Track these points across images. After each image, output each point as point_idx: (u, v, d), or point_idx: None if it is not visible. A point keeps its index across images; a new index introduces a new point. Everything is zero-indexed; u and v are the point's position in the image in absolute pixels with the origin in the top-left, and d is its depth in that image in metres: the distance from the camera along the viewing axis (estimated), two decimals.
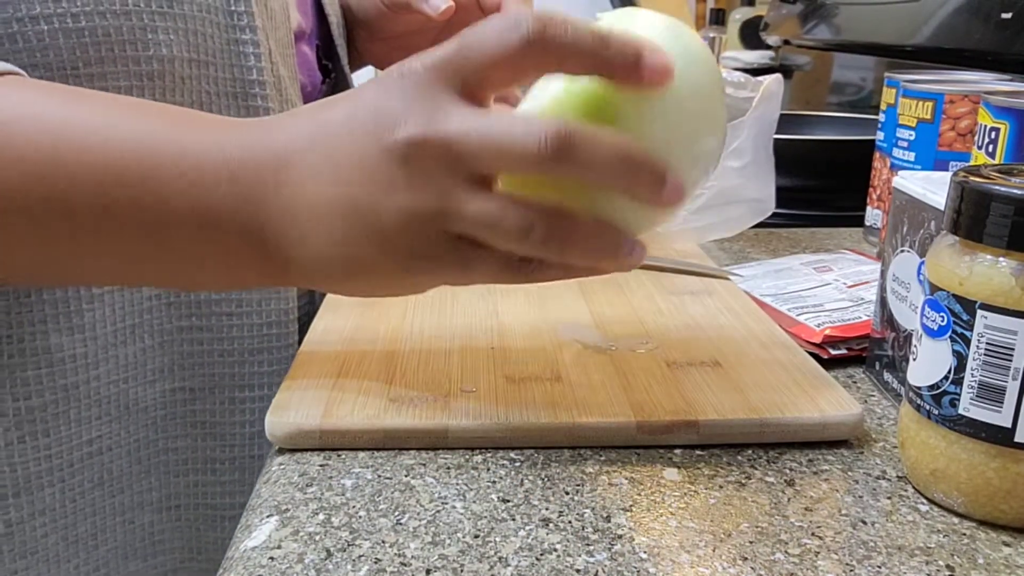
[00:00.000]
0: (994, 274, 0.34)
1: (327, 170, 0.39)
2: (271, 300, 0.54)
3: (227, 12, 0.50)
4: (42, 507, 0.51)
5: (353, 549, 0.34)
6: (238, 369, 0.54)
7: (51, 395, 0.50)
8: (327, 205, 0.39)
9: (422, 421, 0.42)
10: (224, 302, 0.53)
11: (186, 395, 0.54)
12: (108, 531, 0.53)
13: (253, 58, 0.51)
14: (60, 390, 0.50)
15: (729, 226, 0.68)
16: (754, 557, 0.34)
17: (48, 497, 0.51)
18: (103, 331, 0.50)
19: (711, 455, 0.42)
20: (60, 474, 0.51)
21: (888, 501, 0.38)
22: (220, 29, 0.50)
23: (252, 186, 0.40)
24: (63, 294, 0.49)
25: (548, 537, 0.35)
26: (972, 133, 0.65)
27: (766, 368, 0.47)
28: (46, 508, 0.51)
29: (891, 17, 1.03)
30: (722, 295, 0.59)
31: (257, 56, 0.51)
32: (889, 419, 0.46)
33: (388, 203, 0.38)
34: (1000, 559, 0.35)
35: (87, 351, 0.50)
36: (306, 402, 0.43)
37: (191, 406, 0.54)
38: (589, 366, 0.47)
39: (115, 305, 0.51)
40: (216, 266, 0.42)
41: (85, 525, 0.52)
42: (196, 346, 0.53)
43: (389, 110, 0.38)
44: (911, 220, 0.46)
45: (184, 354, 0.53)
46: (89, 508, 0.52)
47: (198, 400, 0.54)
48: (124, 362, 0.52)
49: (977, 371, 0.35)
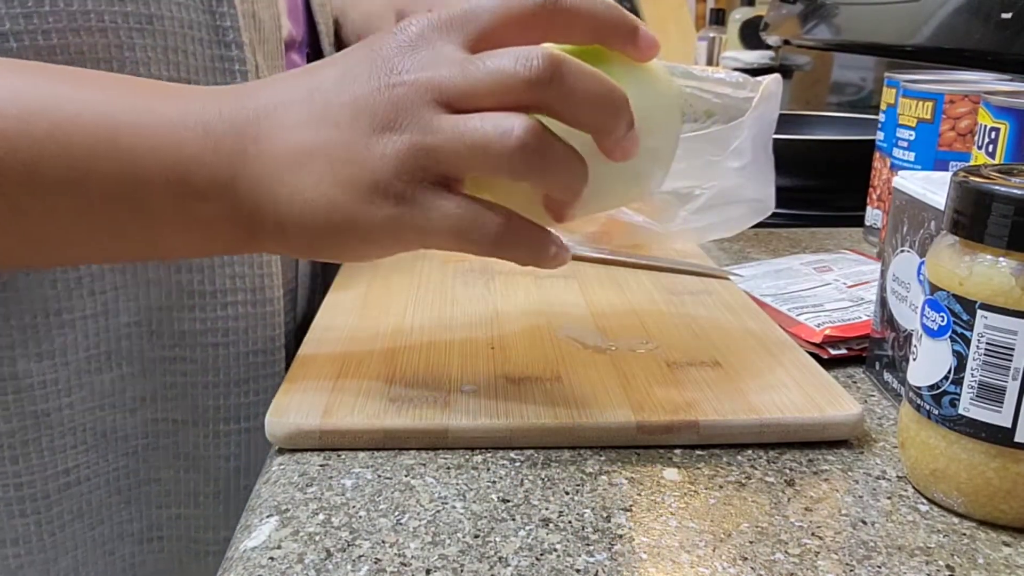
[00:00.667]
0: (994, 274, 0.34)
1: (314, 118, 0.39)
2: (257, 327, 0.52)
3: (212, 27, 0.48)
4: (15, 536, 0.49)
5: (353, 549, 0.34)
6: (223, 401, 0.53)
7: (19, 422, 0.48)
8: (311, 148, 0.38)
9: (422, 421, 0.42)
10: (210, 332, 0.51)
11: (169, 426, 0.52)
12: (90, 564, 0.52)
13: (239, 76, 0.49)
14: (30, 416, 0.48)
15: (729, 226, 0.68)
16: (754, 557, 0.34)
17: (22, 527, 0.49)
18: (75, 357, 0.49)
19: (711, 455, 0.42)
20: (35, 504, 0.49)
21: (888, 501, 0.38)
22: (203, 45, 0.48)
23: (227, 138, 0.39)
24: (31, 319, 0.47)
25: (548, 537, 0.35)
26: (972, 133, 0.65)
27: (766, 368, 0.47)
28: (19, 538, 0.49)
29: (891, 17, 1.03)
30: (722, 295, 0.59)
31: (243, 73, 0.49)
32: (889, 419, 0.46)
33: (376, 143, 0.38)
34: (1000, 559, 0.35)
35: (58, 377, 0.48)
36: (306, 402, 0.43)
37: (174, 437, 0.53)
38: (589, 366, 0.47)
39: (88, 331, 0.49)
40: (191, 230, 0.40)
41: (66, 560, 0.51)
42: (180, 377, 0.52)
43: (385, 59, 0.39)
44: (911, 220, 0.46)
45: (167, 384, 0.52)
46: (70, 542, 0.51)
47: (181, 432, 0.53)
48: (100, 390, 0.50)
49: (977, 371, 0.35)
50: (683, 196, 0.66)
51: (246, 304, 0.52)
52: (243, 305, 0.52)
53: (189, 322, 0.51)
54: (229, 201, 0.39)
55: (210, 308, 0.51)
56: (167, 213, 0.39)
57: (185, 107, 0.40)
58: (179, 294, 0.50)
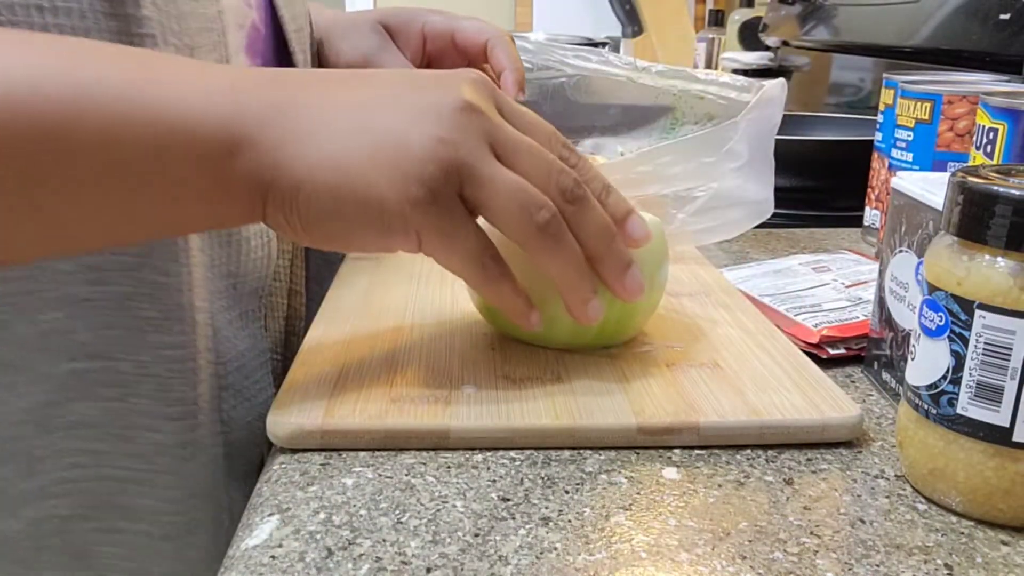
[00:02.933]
0: (992, 274, 0.35)
1: (374, 100, 0.40)
2: (163, 425, 0.47)
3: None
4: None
5: (354, 548, 0.35)
6: (120, 498, 0.48)
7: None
8: (362, 123, 0.39)
9: (423, 422, 0.42)
10: (109, 425, 0.46)
11: (57, 524, 0.47)
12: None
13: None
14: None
15: (728, 229, 0.68)
16: (753, 556, 0.34)
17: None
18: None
19: (710, 454, 0.42)
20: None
21: (886, 500, 0.39)
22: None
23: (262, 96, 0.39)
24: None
25: (548, 536, 0.35)
26: (970, 134, 0.65)
27: (765, 369, 0.47)
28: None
29: (890, 18, 1.03)
30: (720, 296, 0.59)
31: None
32: (887, 419, 0.46)
33: (422, 129, 0.39)
34: (998, 558, 0.35)
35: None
36: (307, 402, 0.43)
37: (61, 536, 0.47)
38: (589, 367, 0.48)
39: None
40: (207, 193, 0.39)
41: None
42: (73, 471, 0.47)
43: (459, 80, 0.41)
44: (909, 220, 0.46)
45: (56, 480, 0.47)
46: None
47: (71, 529, 0.48)
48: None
49: (975, 371, 0.35)
50: (681, 198, 0.66)
51: (149, 399, 0.47)
52: (146, 399, 0.47)
53: (85, 410, 0.46)
54: (249, 159, 0.38)
55: (108, 397, 0.46)
56: (188, 172, 0.38)
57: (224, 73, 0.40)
58: (75, 381, 0.46)
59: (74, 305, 0.45)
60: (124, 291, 0.45)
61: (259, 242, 0.52)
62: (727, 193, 0.66)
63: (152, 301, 0.45)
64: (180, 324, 0.46)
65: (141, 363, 0.46)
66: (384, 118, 0.40)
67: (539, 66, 0.70)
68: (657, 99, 0.69)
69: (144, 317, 0.46)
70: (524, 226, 0.41)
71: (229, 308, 0.51)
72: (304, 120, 0.39)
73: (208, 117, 0.38)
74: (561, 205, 0.42)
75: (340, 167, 0.39)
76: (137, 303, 0.45)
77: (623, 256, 0.45)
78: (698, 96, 0.68)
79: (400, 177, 0.39)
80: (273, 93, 0.40)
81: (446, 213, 0.40)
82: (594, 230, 0.43)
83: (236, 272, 0.51)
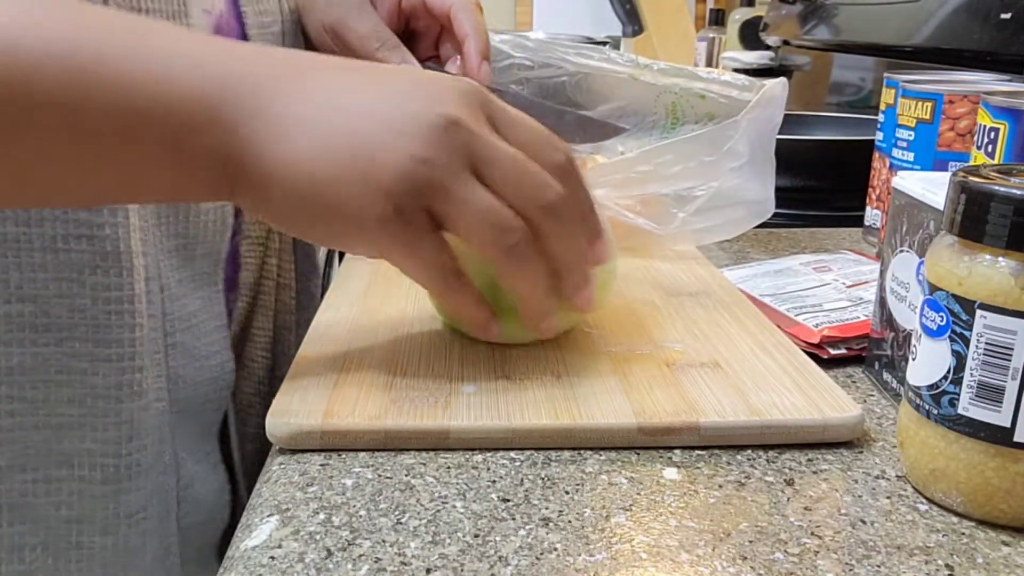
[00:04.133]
0: (993, 274, 0.34)
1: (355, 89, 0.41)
2: (99, 369, 0.47)
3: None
4: None
5: (353, 548, 0.34)
6: (55, 445, 0.47)
7: None
8: (339, 111, 0.39)
9: (423, 422, 0.42)
10: (41, 369, 0.46)
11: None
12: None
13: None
14: None
15: (728, 228, 0.68)
16: (753, 556, 0.34)
17: None
18: None
19: (711, 455, 0.42)
20: None
21: (887, 500, 0.39)
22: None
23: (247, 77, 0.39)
24: None
25: (548, 536, 0.35)
26: (971, 133, 0.65)
27: (765, 370, 0.47)
28: None
29: (891, 17, 1.03)
30: (720, 296, 0.59)
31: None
32: (888, 419, 0.46)
33: (399, 144, 0.39)
34: (999, 558, 0.35)
35: None
36: (307, 402, 0.43)
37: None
38: (589, 367, 0.47)
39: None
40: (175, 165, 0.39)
41: None
42: (5, 418, 0.46)
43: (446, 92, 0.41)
44: (910, 220, 0.46)
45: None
46: None
47: (5, 479, 0.47)
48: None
49: (976, 371, 0.35)
50: (681, 198, 0.66)
51: (86, 342, 0.46)
52: (82, 342, 0.46)
53: (18, 356, 0.46)
54: (220, 139, 0.39)
55: (42, 343, 0.46)
56: (156, 141, 0.38)
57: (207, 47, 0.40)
58: (7, 326, 0.45)
59: (2, 245, 0.44)
60: (56, 232, 0.45)
61: (211, 208, 0.51)
62: (727, 192, 0.66)
63: (88, 242, 0.45)
64: (117, 266, 0.46)
65: (76, 306, 0.46)
66: (364, 124, 0.40)
67: (540, 64, 0.70)
68: (659, 98, 0.69)
69: (78, 259, 0.45)
70: (492, 247, 0.41)
71: (180, 267, 0.51)
72: (284, 114, 0.39)
73: (181, 96, 0.38)
74: (538, 219, 0.42)
75: (311, 171, 0.39)
76: (71, 245, 0.45)
77: (585, 275, 0.46)
78: (699, 95, 0.68)
79: (369, 192, 0.39)
80: (259, 78, 0.39)
81: (409, 227, 0.40)
82: (566, 247, 0.44)
83: (186, 232, 0.51)
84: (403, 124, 0.39)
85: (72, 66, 0.36)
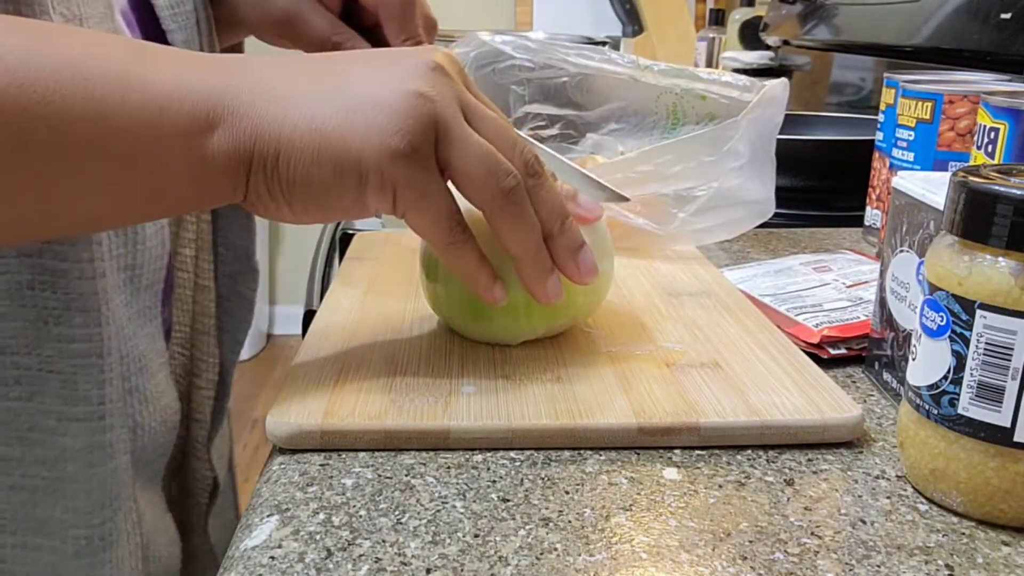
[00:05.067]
0: (993, 274, 0.34)
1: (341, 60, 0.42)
2: (69, 427, 0.44)
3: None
4: None
5: (353, 548, 0.34)
6: (31, 510, 0.45)
7: None
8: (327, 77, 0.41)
9: (423, 422, 0.42)
10: (12, 425, 0.44)
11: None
12: None
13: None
14: None
15: (729, 228, 0.68)
16: (753, 556, 0.34)
17: None
18: None
19: (711, 455, 0.42)
20: None
21: (887, 500, 0.39)
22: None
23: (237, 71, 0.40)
24: None
25: (548, 536, 0.35)
26: (971, 133, 0.65)
27: (765, 370, 0.47)
28: None
29: (891, 17, 1.03)
30: (720, 296, 0.59)
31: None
32: (888, 419, 0.46)
33: (397, 85, 0.40)
34: (999, 558, 0.35)
35: None
36: (307, 402, 0.43)
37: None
38: (589, 367, 0.47)
39: None
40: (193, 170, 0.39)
41: None
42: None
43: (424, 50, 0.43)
44: (910, 220, 0.46)
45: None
46: None
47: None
48: None
49: (976, 371, 0.35)
50: (681, 198, 0.66)
51: (55, 398, 0.44)
52: (51, 398, 0.44)
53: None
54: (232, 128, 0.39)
55: (14, 396, 0.44)
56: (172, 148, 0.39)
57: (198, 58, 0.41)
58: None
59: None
60: (23, 279, 0.43)
61: (154, 229, 0.49)
62: (728, 192, 0.66)
63: (54, 290, 0.43)
64: (83, 315, 0.44)
65: (45, 358, 0.44)
66: (356, 81, 0.41)
67: (541, 65, 0.70)
68: (659, 99, 0.69)
69: (46, 307, 0.43)
70: (490, 190, 0.42)
71: (128, 304, 0.48)
72: (281, 90, 0.40)
73: (190, 93, 0.39)
74: (522, 177, 0.43)
75: (318, 128, 0.39)
76: (38, 292, 0.43)
77: (577, 235, 0.46)
78: (700, 96, 0.68)
79: (377, 131, 0.39)
80: (250, 72, 0.41)
81: (422, 170, 0.40)
82: (551, 206, 0.44)
83: (133, 264, 0.49)
84: (397, 70, 0.41)
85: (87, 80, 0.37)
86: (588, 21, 2.46)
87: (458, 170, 0.41)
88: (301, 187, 0.40)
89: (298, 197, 0.41)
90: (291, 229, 3.25)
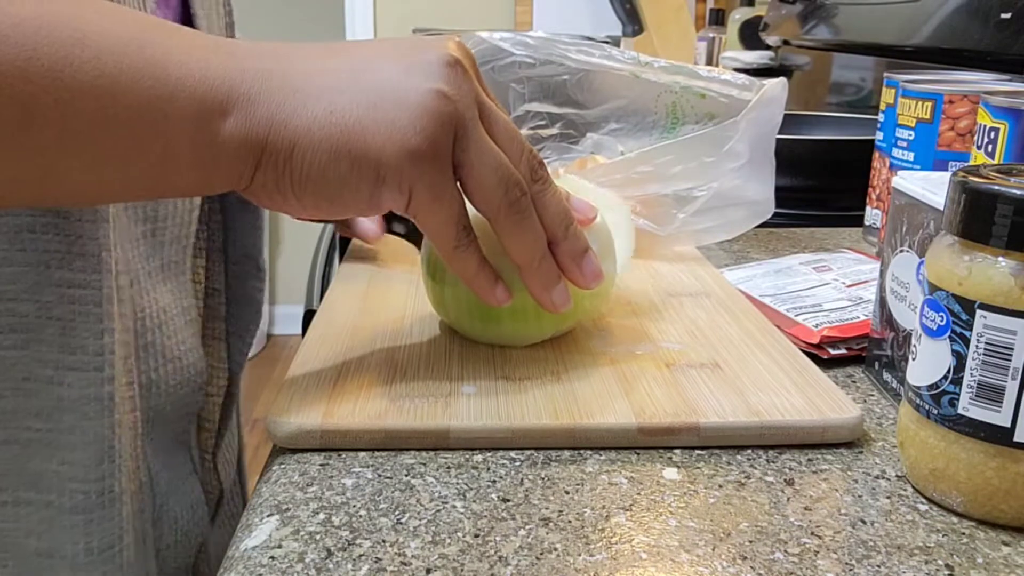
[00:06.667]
0: (993, 274, 0.34)
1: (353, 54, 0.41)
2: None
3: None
4: None
5: (353, 548, 0.34)
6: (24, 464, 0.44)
7: None
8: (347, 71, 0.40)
9: (423, 422, 0.42)
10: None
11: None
12: None
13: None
14: None
15: (728, 229, 0.68)
16: (753, 556, 0.34)
17: None
18: None
19: (711, 455, 0.42)
20: None
21: (887, 500, 0.39)
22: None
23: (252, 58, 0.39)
24: None
25: (548, 536, 0.35)
26: (971, 133, 0.65)
27: (765, 370, 0.47)
28: None
29: (891, 17, 1.03)
30: (720, 296, 0.59)
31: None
32: (888, 419, 0.46)
33: (417, 82, 0.40)
34: (999, 558, 0.35)
35: None
36: (307, 402, 0.43)
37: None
38: (589, 367, 0.47)
39: None
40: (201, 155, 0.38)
41: None
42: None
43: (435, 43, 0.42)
44: (910, 220, 0.46)
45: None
46: None
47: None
48: None
49: (976, 371, 0.35)
50: (681, 198, 0.66)
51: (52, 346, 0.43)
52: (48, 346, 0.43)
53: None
54: (246, 116, 0.38)
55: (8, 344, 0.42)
56: (180, 130, 0.38)
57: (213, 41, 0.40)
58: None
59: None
60: (23, 221, 0.42)
61: None
62: (727, 193, 0.66)
63: (56, 231, 0.42)
64: (82, 260, 0.43)
65: (44, 304, 0.42)
66: (376, 75, 0.40)
67: (541, 62, 0.70)
68: (659, 98, 0.69)
69: (47, 250, 0.42)
70: (498, 200, 0.42)
71: (148, 257, 0.48)
72: (299, 81, 0.40)
73: (204, 77, 0.38)
74: (527, 183, 0.43)
75: (337, 123, 0.39)
76: (39, 235, 0.42)
77: (581, 239, 0.46)
78: (700, 94, 0.68)
79: (399, 129, 0.39)
80: (267, 60, 0.40)
81: (439, 172, 0.40)
82: (556, 211, 0.44)
83: (155, 216, 0.48)
84: (414, 64, 0.40)
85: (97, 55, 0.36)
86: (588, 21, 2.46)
87: (470, 175, 0.41)
88: (315, 181, 0.39)
89: (310, 191, 0.40)
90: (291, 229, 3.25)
